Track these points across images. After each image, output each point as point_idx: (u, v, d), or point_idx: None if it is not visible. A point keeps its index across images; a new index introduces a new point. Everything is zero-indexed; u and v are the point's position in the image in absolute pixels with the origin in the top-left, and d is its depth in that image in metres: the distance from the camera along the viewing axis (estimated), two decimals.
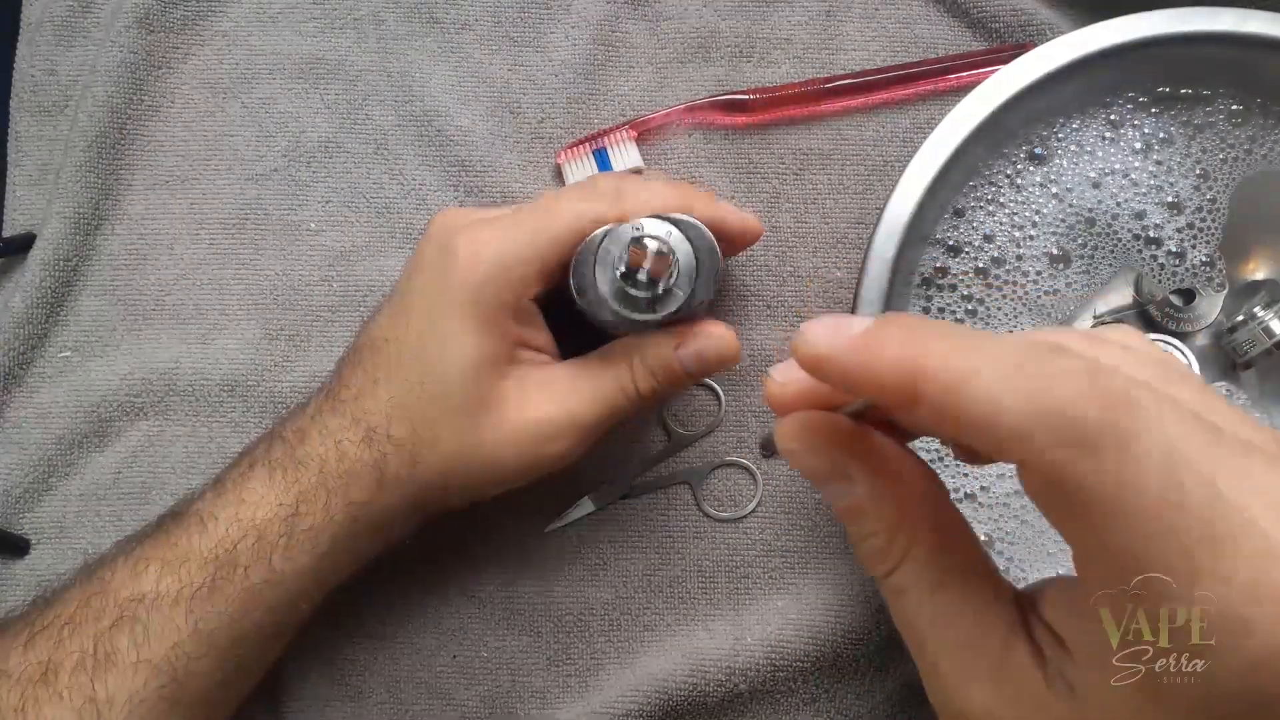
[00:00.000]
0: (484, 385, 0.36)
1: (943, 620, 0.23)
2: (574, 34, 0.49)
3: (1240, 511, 0.20)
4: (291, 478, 0.36)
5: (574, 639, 0.45)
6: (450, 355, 0.36)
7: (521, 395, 0.37)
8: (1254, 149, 0.43)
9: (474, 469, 0.37)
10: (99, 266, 0.48)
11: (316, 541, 0.36)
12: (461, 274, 0.36)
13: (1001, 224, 0.43)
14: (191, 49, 0.49)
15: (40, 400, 0.47)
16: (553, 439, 0.37)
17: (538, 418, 0.37)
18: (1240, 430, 0.21)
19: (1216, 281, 0.43)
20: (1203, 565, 0.19)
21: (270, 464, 0.37)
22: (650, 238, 0.35)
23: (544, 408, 0.37)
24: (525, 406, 0.37)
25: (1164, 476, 0.19)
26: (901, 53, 0.48)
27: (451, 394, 0.36)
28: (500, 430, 0.36)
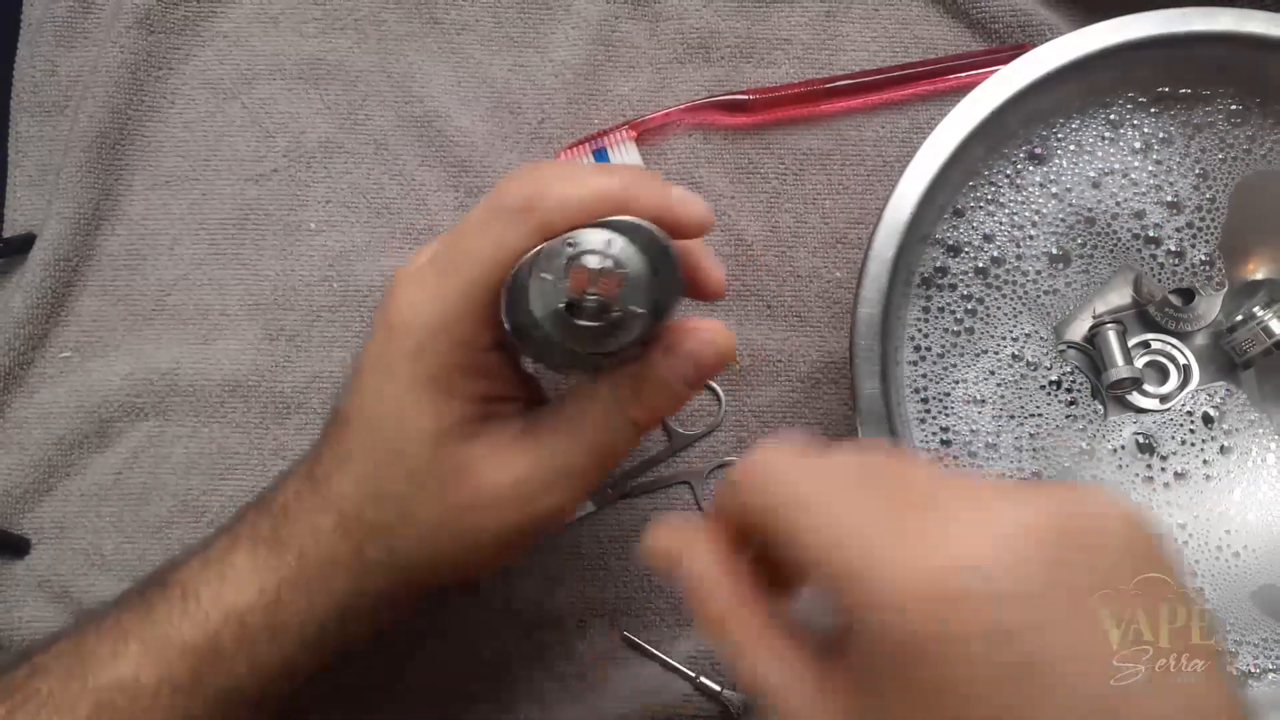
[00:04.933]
0: (451, 455, 0.32)
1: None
2: (574, 34, 0.49)
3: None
4: (274, 561, 0.34)
5: (574, 639, 0.45)
6: (408, 430, 0.32)
7: (496, 456, 0.33)
8: (1253, 149, 0.43)
9: (457, 545, 0.33)
10: (99, 267, 0.48)
11: (302, 632, 0.34)
12: (398, 344, 0.32)
13: (1001, 224, 0.43)
14: (192, 49, 0.49)
15: (41, 400, 0.47)
16: (538, 497, 0.33)
17: (516, 478, 0.33)
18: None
19: (1216, 281, 0.43)
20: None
21: (255, 540, 0.35)
22: (589, 254, 0.29)
23: (522, 465, 0.33)
24: (502, 468, 0.33)
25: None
26: (901, 53, 0.48)
27: (418, 470, 0.33)
28: (478, 498, 0.33)
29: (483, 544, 0.33)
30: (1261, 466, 0.43)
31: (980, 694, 0.22)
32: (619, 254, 0.29)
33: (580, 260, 0.29)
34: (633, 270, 0.29)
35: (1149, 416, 0.44)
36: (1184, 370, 0.44)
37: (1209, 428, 0.44)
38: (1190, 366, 0.44)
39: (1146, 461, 0.43)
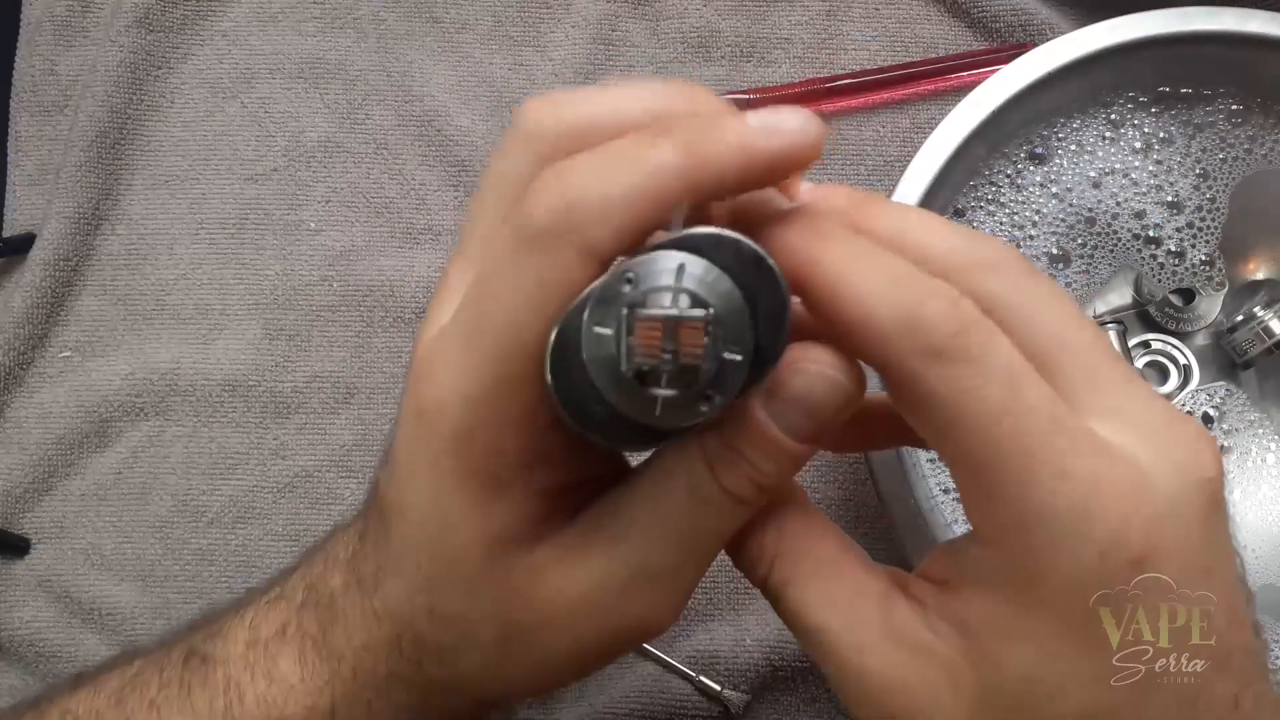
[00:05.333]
0: (510, 565, 0.26)
1: (824, 603, 0.24)
2: (574, 34, 0.49)
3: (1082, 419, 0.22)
4: (327, 673, 0.29)
5: None
6: (458, 537, 0.26)
7: (564, 560, 0.26)
8: (1254, 148, 0.43)
9: (526, 667, 0.27)
10: (99, 266, 0.48)
11: None
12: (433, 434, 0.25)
13: (1001, 224, 0.43)
14: (191, 48, 0.49)
15: (41, 400, 0.47)
16: (616, 606, 0.26)
17: (587, 586, 0.25)
18: None
19: (1216, 281, 0.43)
20: (1041, 462, 0.21)
21: (303, 637, 0.29)
22: (656, 291, 0.20)
23: (594, 569, 0.25)
24: (571, 575, 0.26)
25: (1006, 386, 0.21)
26: (902, 52, 0.48)
27: (474, 584, 0.26)
28: (546, 614, 0.26)
29: (557, 664, 0.27)
30: (1262, 466, 0.43)
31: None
32: (698, 287, 0.21)
33: (646, 308, 0.20)
34: (721, 307, 0.21)
35: None
36: (1184, 370, 0.44)
37: (1209, 428, 0.44)
38: (1190, 366, 0.44)
39: None
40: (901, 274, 0.22)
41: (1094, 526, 0.21)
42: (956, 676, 0.22)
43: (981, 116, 0.40)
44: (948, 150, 0.40)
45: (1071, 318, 0.23)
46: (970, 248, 0.23)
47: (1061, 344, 0.22)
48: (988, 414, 0.21)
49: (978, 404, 0.21)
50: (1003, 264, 0.23)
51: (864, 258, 0.22)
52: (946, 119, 0.40)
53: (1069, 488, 0.21)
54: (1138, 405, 0.22)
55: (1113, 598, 0.21)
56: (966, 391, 0.21)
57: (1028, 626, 0.22)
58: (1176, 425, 0.22)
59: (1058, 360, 0.22)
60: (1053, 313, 0.23)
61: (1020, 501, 0.21)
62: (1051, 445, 0.21)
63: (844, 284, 0.21)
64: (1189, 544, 0.21)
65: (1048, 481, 0.21)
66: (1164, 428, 0.22)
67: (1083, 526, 0.21)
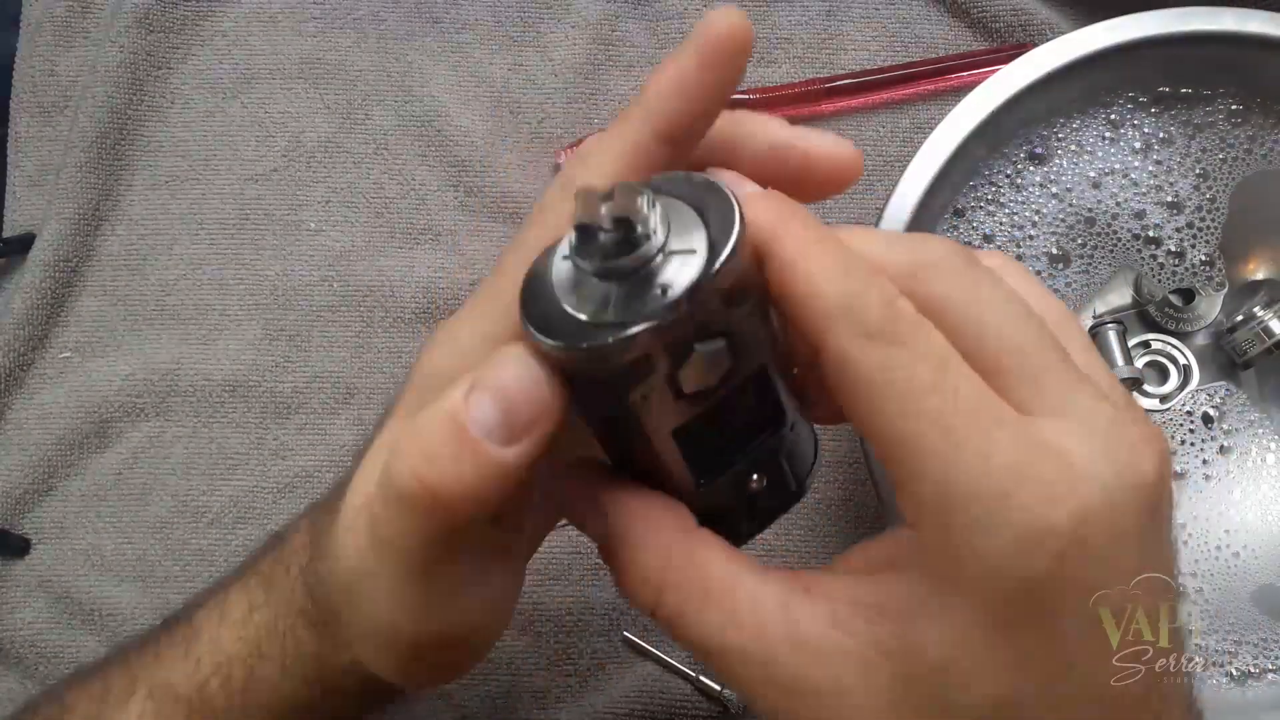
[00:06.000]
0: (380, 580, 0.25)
1: (722, 625, 0.23)
2: (574, 34, 0.49)
3: (1013, 411, 0.21)
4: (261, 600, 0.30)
5: (574, 639, 0.45)
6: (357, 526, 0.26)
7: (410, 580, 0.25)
8: (1253, 149, 0.43)
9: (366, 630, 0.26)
10: (99, 267, 0.48)
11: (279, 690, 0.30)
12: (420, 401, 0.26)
13: (1001, 224, 0.43)
14: (191, 49, 0.49)
15: (41, 401, 0.47)
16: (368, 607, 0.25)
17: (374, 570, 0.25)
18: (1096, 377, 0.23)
19: (1216, 281, 0.43)
20: (964, 441, 0.20)
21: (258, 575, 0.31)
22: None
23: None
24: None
25: (935, 368, 0.21)
26: (901, 52, 0.48)
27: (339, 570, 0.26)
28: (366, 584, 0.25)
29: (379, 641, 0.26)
30: (1261, 466, 0.43)
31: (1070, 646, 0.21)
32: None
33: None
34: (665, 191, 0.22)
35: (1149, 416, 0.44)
36: (1184, 370, 0.44)
37: (1209, 428, 0.44)
38: (1190, 366, 0.44)
39: None
40: (853, 265, 0.22)
41: (1015, 513, 0.20)
42: (869, 671, 0.22)
43: (981, 117, 0.40)
44: (947, 150, 0.40)
45: (1018, 318, 0.23)
46: (911, 253, 0.23)
47: (1007, 345, 0.22)
48: (914, 392, 0.21)
49: (905, 383, 0.21)
50: (944, 264, 0.23)
51: (822, 242, 0.22)
52: (946, 119, 0.40)
53: (992, 469, 0.20)
54: (1084, 405, 0.22)
55: (1034, 589, 0.21)
56: (894, 369, 0.21)
57: (945, 610, 0.21)
58: (1123, 426, 0.22)
59: (1003, 362, 0.22)
60: (998, 314, 0.22)
61: (942, 481, 0.21)
62: (976, 425, 0.21)
63: (800, 260, 0.22)
64: (1117, 545, 0.21)
65: (970, 460, 0.20)
66: (1108, 428, 0.22)
67: (1003, 512, 0.20)
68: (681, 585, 0.23)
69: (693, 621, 0.23)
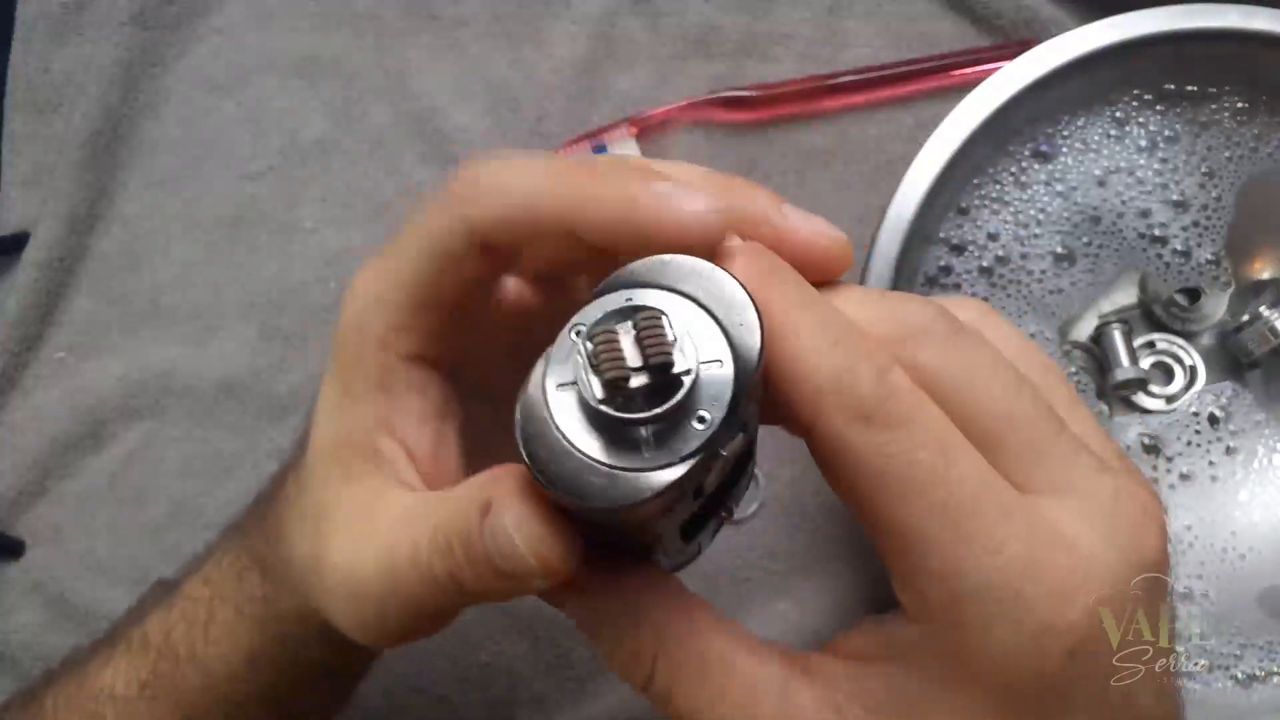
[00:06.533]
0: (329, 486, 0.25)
1: (716, 705, 0.22)
2: (573, 30, 0.48)
3: (1018, 494, 0.20)
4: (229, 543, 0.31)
5: (574, 644, 0.44)
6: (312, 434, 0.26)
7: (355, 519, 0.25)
8: (1260, 147, 0.43)
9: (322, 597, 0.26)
10: (93, 267, 0.47)
11: (234, 634, 0.29)
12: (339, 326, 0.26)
13: (1006, 222, 0.43)
14: (186, 46, 0.49)
15: (35, 402, 0.46)
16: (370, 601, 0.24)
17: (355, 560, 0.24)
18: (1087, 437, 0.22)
19: (1222, 280, 0.43)
20: (973, 536, 0.20)
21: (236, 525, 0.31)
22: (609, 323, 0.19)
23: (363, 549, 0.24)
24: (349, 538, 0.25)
25: (937, 454, 0.20)
26: (905, 49, 0.48)
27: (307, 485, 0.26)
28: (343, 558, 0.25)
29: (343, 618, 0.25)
30: (1268, 468, 0.43)
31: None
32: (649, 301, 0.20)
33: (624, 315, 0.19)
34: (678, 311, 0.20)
35: (1154, 417, 0.44)
36: (1190, 370, 0.44)
37: (1215, 429, 0.43)
38: (1196, 367, 0.44)
39: (1152, 463, 0.43)
40: (844, 334, 0.21)
41: (1028, 610, 0.20)
42: None
43: (986, 114, 0.39)
44: (951, 148, 0.39)
45: (1010, 387, 0.22)
46: (895, 320, 0.22)
47: (1000, 416, 0.21)
48: (916, 482, 0.20)
49: (906, 471, 0.20)
50: (931, 333, 0.22)
51: (809, 308, 0.21)
52: (950, 116, 0.39)
53: (1001, 564, 0.20)
54: (1085, 480, 0.21)
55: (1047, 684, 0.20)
56: (894, 458, 0.20)
57: (950, 705, 0.21)
58: (1124, 502, 0.21)
59: (997, 434, 0.21)
60: (990, 383, 0.21)
61: (950, 578, 0.20)
62: (984, 518, 0.20)
63: (787, 332, 0.20)
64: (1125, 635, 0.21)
65: (980, 557, 0.20)
66: (1112, 505, 0.21)
67: (1016, 609, 0.20)
68: (675, 658, 0.22)
69: (686, 701, 0.22)
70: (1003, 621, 0.20)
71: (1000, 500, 0.20)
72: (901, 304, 0.22)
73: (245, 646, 0.29)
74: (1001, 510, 0.20)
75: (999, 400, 0.21)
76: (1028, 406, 0.22)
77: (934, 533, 0.20)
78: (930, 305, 0.22)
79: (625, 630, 0.23)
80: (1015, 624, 0.20)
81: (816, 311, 0.21)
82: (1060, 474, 0.21)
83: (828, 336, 0.20)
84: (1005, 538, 0.20)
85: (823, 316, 0.21)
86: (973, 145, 0.40)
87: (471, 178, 0.23)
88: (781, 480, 0.46)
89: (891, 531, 0.20)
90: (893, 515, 0.20)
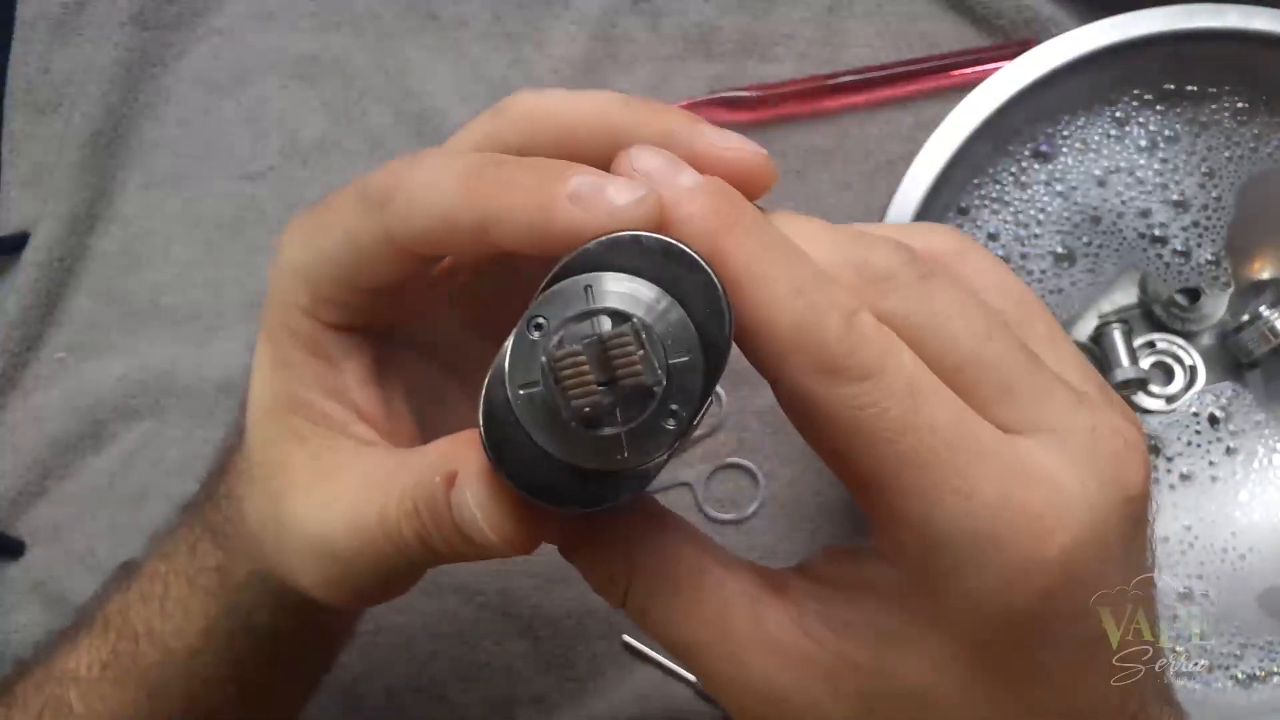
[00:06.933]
0: (276, 445, 0.25)
1: (689, 618, 0.22)
2: (573, 30, 0.48)
3: (992, 434, 0.20)
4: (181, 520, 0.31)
5: (574, 643, 0.44)
6: (250, 397, 0.26)
7: (315, 478, 0.24)
8: (1260, 147, 0.42)
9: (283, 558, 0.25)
10: (93, 267, 0.47)
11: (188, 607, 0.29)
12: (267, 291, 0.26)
13: (1006, 222, 0.43)
14: (187, 46, 0.49)
15: (34, 403, 0.46)
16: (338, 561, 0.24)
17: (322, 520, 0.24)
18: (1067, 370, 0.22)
19: (1222, 280, 0.43)
20: (944, 482, 0.19)
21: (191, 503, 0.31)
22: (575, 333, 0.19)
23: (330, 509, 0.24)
24: (312, 498, 0.24)
25: (907, 401, 0.19)
26: (905, 49, 0.48)
27: (251, 448, 0.26)
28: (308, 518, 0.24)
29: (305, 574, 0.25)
30: (1268, 468, 0.43)
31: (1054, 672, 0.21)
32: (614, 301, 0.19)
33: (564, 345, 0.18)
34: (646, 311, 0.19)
35: (1155, 418, 0.44)
36: (1190, 371, 0.44)
37: (1215, 429, 0.43)
38: (1196, 367, 0.44)
39: (1152, 463, 0.43)
40: (806, 280, 0.20)
41: (1003, 552, 0.19)
42: (836, 681, 0.21)
43: (985, 114, 0.39)
44: (951, 148, 0.39)
45: (980, 328, 0.21)
46: (859, 264, 0.21)
47: (971, 359, 0.21)
48: (886, 432, 0.19)
49: (875, 422, 0.19)
50: (897, 279, 0.21)
51: (771, 251, 0.20)
52: (950, 116, 0.39)
53: (975, 508, 0.19)
54: (1062, 416, 0.21)
55: (1021, 623, 0.20)
56: (864, 409, 0.19)
57: (924, 642, 0.21)
58: (1103, 437, 0.21)
59: (970, 377, 0.21)
60: (959, 326, 0.21)
61: (924, 524, 0.20)
62: (956, 463, 0.19)
63: (747, 281, 0.19)
64: (1104, 568, 0.20)
65: (953, 503, 0.19)
66: (1091, 439, 0.21)
67: (990, 552, 0.19)
68: (650, 574, 0.22)
69: (660, 612, 0.22)
70: (976, 566, 0.20)
71: (975, 443, 0.20)
72: (868, 247, 0.21)
73: (200, 619, 0.29)
74: (976, 453, 0.20)
75: (969, 343, 0.21)
76: (999, 347, 0.21)
77: (906, 481, 0.20)
78: (898, 248, 0.21)
79: (600, 549, 0.23)
80: (989, 568, 0.20)
81: (778, 259, 0.20)
82: (1036, 412, 0.21)
83: (791, 285, 0.20)
84: (979, 481, 0.19)
85: (785, 264, 0.20)
86: (973, 145, 0.40)
87: (391, 186, 0.22)
88: (781, 480, 0.45)
89: (863, 480, 0.20)
90: (864, 465, 0.20)
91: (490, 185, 0.21)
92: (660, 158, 0.21)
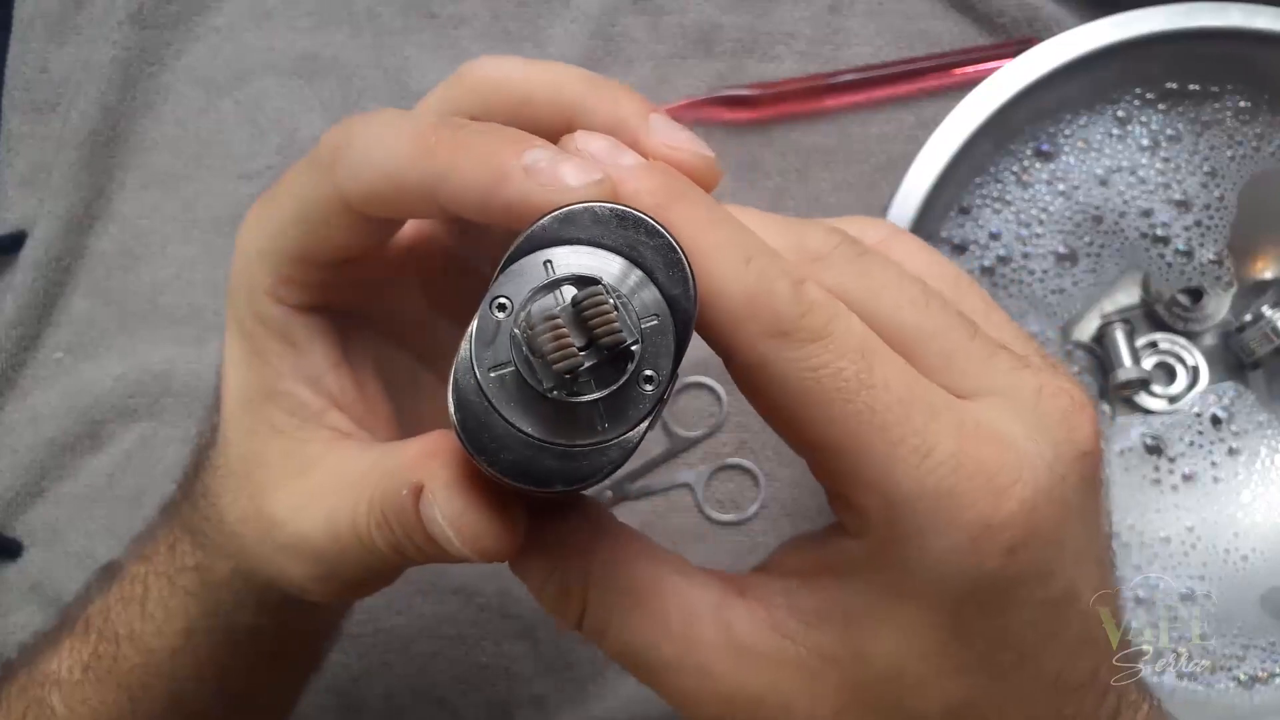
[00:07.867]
0: (252, 439, 0.25)
1: (653, 634, 0.22)
2: (573, 28, 0.48)
3: (943, 395, 0.20)
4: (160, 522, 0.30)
5: (574, 645, 0.44)
6: (224, 391, 0.26)
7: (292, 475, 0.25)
8: (1262, 146, 0.42)
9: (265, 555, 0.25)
10: (91, 267, 0.47)
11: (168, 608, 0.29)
12: (230, 280, 0.25)
13: (1008, 222, 0.42)
14: (185, 45, 0.49)
15: (32, 403, 0.46)
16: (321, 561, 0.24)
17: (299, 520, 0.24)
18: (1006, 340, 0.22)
19: (1224, 280, 0.42)
20: (901, 439, 0.19)
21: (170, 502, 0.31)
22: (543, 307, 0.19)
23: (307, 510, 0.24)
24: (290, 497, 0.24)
25: (859, 361, 0.19)
26: (906, 48, 0.47)
27: (228, 443, 0.26)
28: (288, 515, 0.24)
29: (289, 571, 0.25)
30: (1270, 468, 0.43)
31: (1022, 636, 0.21)
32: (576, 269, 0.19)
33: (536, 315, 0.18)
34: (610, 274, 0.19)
35: (1157, 418, 0.44)
36: (1192, 371, 0.44)
37: (1217, 429, 0.43)
38: (1198, 367, 0.44)
39: (1154, 463, 0.43)
40: (754, 250, 0.20)
41: (963, 509, 0.19)
42: (813, 676, 0.21)
43: (987, 113, 0.39)
44: (953, 147, 0.39)
45: (918, 300, 0.21)
46: (797, 246, 0.21)
47: (911, 329, 0.21)
48: (841, 392, 0.19)
49: (830, 382, 0.19)
50: (835, 256, 0.21)
51: (717, 226, 0.20)
52: (951, 115, 0.39)
53: (934, 465, 0.19)
54: (1007, 379, 0.21)
55: (988, 585, 0.20)
56: (816, 371, 0.19)
57: (894, 616, 0.20)
58: (1049, 397, 0.21)
59: (912, 347, 0.21)
60: (897, 298, 0.21)
61: (884, 485, 0.19)
62: (912, 421, 0.19)
63: (695, 254, 0.19)
64: (1065, 524, 0.20)
65: (911, 461, 0.19)
66: (1038, 399, 0.21)
67: (951, 509, 0.19)
68: (606, 590, 0.22)
69: (620, 631, 0.22)
70: (939, 524, 0.19)
71: (927, 402, 0.20)
72: (803, 230, 0.22)
73: (181, 619, 0.29)
74: (929, 412, 0.20)
75: (908, 312, 0.21)
76: (938, 316, 0.21)
77: (863, 441, 0.19)
78: (832, 230, 0.22)
79: (553, 559, 0.22)
80: (952, 526, 0.19)
81: (726, 230, 0.20)
82: (980, 377, 0.21)
83: (740, 255, 0.20)
84: (935, 438, 0.19)
85: (733, 235, 0.20)
86: (974, 144, 0.40)
87: (342, 144, 0.22)
88: (781, 480, 0.45)
89: (821, 446, 0.20)
90: (820, 429, 0.20)
91: (444, 146, 0.21)
92: (605, 141, 0.21)
